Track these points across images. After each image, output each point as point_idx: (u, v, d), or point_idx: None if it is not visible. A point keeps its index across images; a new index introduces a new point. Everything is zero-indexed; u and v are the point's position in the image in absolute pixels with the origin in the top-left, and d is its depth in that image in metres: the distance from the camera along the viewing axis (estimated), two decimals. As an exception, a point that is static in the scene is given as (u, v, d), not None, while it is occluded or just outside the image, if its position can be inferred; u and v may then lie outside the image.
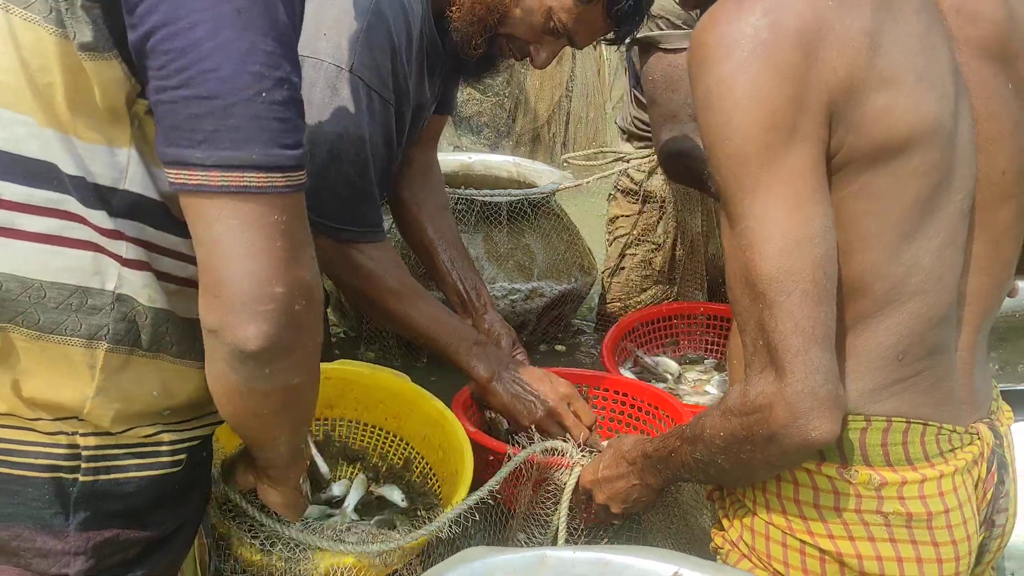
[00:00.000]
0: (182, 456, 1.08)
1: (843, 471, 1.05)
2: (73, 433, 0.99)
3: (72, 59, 0.88)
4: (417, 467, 1.70)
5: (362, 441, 1.75)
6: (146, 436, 1.04)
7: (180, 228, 0.95)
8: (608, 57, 5.58)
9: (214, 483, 1.28)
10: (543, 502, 1.46)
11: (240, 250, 0.88)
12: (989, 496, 1.11)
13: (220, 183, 0.87)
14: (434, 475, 1.65)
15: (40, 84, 0.89)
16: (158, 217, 0.98)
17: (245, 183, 0.87)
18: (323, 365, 1.62)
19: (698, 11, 2.00)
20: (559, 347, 2.85)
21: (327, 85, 1.60)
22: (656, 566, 0.93)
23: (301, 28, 0.97)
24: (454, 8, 1.66)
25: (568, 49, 1.85)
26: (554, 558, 0.93)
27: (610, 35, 1.72)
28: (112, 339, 0.97)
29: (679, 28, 2.14)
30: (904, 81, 0.96)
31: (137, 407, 1.02)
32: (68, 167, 0.92)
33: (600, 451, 1.45)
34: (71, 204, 0.93)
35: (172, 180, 0.89)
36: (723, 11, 0.95)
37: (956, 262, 1.05)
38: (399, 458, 1.73)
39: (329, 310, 2.72)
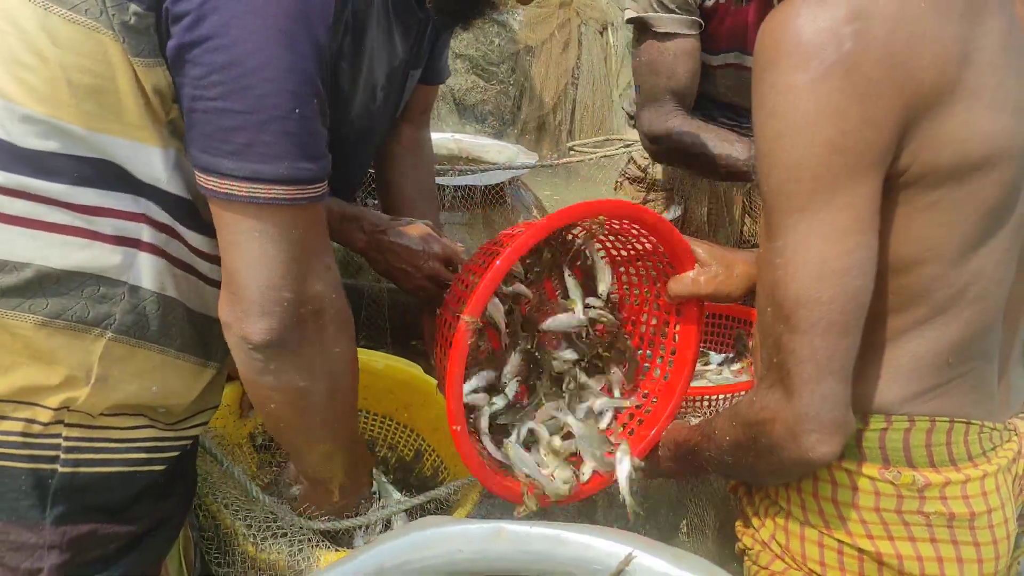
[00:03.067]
0: (169, 454, 1.09)
1: (885, 472, 1.04)
2: (57, 423, 0.98)
3: (121, 62, 0.91)
4: (428, 459, 1.66)
5: (371, 432, 1.72)
6: (129, 429, 1.03)
7: (205, 227, 1.00)
8: (615, 43, 5.55)
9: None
10: None
11: (256, 257, 0.95)
12: None
13: (248, 194, 0.92)
14: (445, 468, 1.62)
15: (77, 83, 0.91)
16: (186, 214, 1.01)
17: (272, 195, 0.93)
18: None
19: None
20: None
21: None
22: (612, 546, 0.92)
23: (334, 45, 1.00)
24: None
25: (575, 34, 1.81)
26: (511, 531, 0.93)
27: None
28: (118, 329, 0.99)
29: (671, 12, 2.12)
30: (984, 93, 0.91)
31: (134, 400, 1.02)
32: (97, 158, 0.94)
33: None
34: (90, 196, 0.95)
35: (202, 185, 0.94)
36: (804, 6, 0.87)
37: (1011, 270, 1.04)
38: (409, 449, 1.69)
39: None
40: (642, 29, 2.14)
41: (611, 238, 1.29)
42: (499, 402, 1.24)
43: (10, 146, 0.92)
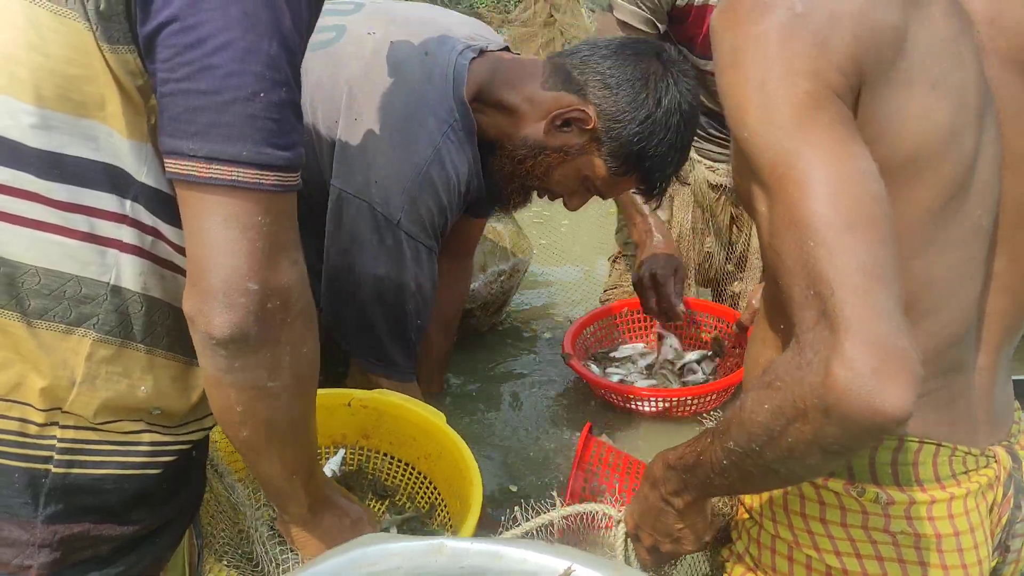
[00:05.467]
0: (166, 459, 1.07)
1: (849, 487, 1.01)
2: (50, 424, 0.98)
3: (95, 51, 0.92)
4: (439, 515, 1.63)
5: (394, 478, 1.71)
6: (128, 433, 1.03)
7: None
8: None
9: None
10: None
11: (220, 244, 0.91)
12: (1004, 520, 1.07)
13: (208, 175, 0.90)
14: (451, 527, 1.58)
15: (61, 74, 0.92)
16: (168, 209, 0.99)
17: (233, 177, 0.90)
18: (360, 392, 1.67)
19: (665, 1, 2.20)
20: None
21: (374, 230, 1.70)
22: (550, 561, 0.89)
23: (310, 35, 1.00)
24: (496, 169, 1.79)
25: None
26: (451, 547, 0.91)
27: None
28: (101, 329, 0.98)
29: (636, 6, 2.25)
30: (919, 86, 0.90)
31: (124, 401, 1.01)
32: (81, 155, 0.94)
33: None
34: (74, 193, 0.95)
35: (167, 168, 0.92)
36: None
37: (975, 280, 1.00)
38: (425, 502, 1.67)
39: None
40: (606, 12, 2.35)
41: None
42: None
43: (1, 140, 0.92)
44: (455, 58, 1.72)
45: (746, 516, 1.14)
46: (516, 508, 1.32)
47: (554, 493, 1.36)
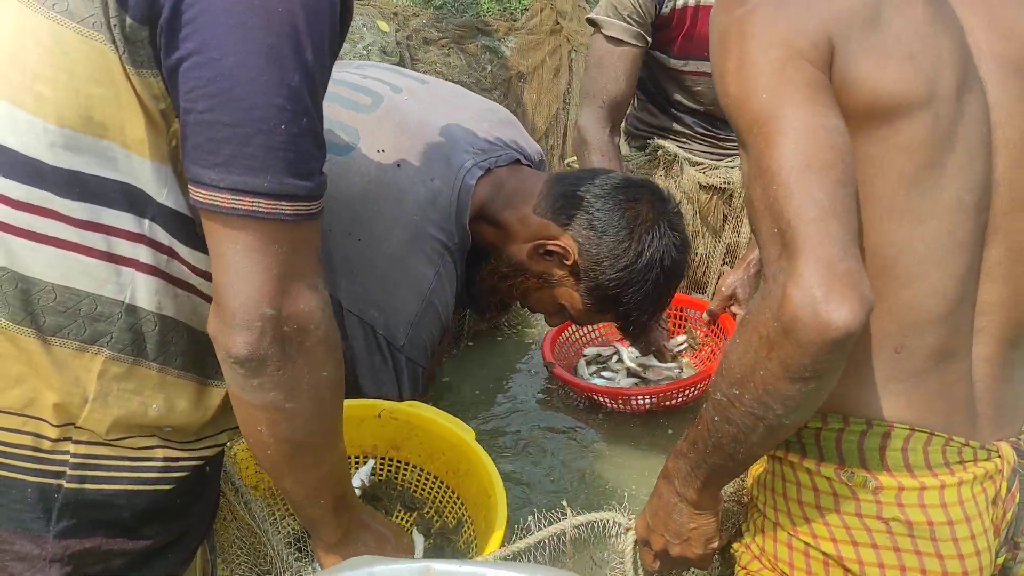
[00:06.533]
0: (179, 474, 1.08)
1: (840, 472, 1.05)
2: (64, 439, 0.99)
3: (120, 72, 0.93)
4: (466, 532, 1.60)
5: (423, 491, 1.69)
6: (141, 449, 1.04)
7: (203, 245, 1.00)
8: None
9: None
10: None
11: (238, 270, 0.95)
12: (1009, 516, 1.08)
13: (230, 205, 0.93)
14: (476, 547, 1.55)
15: (85, 93, 0.93)
16: (185, 231, 1.02)
17: (253, 208, 0.93)
18: (389, 404, 1.66)
19: (649, 13, 2.31)
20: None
21: (375, 351, 1.72)
22: None
23: (335, 60, 1.01)
24: (481, 279, 1.80)
25: (565, 60, 2.03)
26: (437, 570, 0.92)
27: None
28: (114, 347, 1.00)
29: (624, 21, 2.32)
30: (893, 56, 0.98)
31: (136, 419, 1.03)
32: (101, 174, 0.96)
33: None
34: (93, 211, 0.96)
35: (192, 196, 0.95)
36: None
37: (957, 257, 1.02)
38: (453, 518, 1.64)
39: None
40: (595, 30, 2.40)
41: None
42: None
43: (21, 158, 0.94)
44: (461, 181, 1.71)
45: (752, 506, 1.18)
46: (530, 518, 1.35)
47: (564, 503, 1.37)
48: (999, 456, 1.07)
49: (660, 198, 1.75)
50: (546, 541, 1.34)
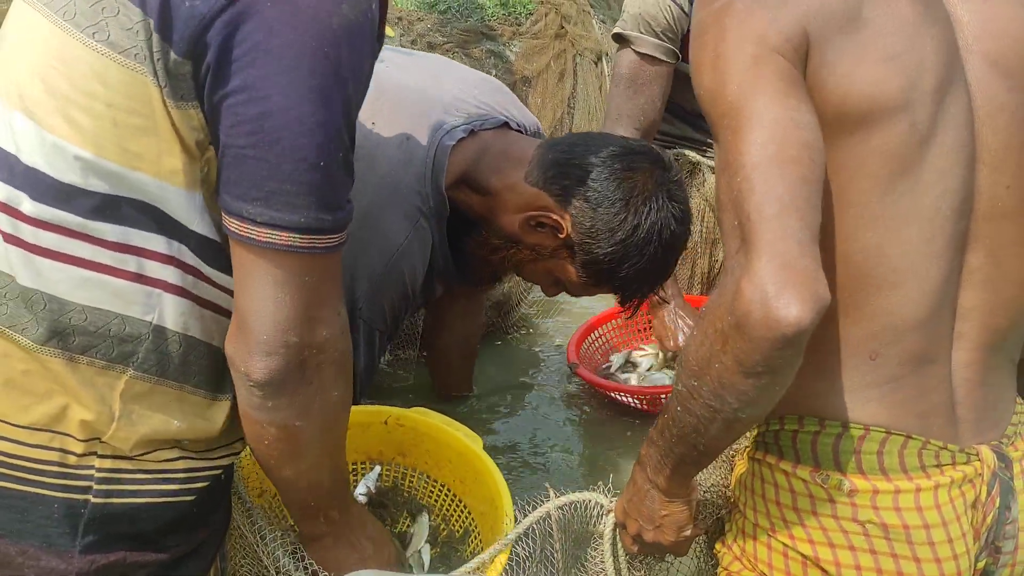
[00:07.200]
0: (200, 484, 1.10)
1: (815, 474, 1.05)
2: (89, 453, 1.01)
3: (160, 105, 0.94)
4: (472, 542, 1.59)
5: (430, 498, 1.68)
6: (164, 462, 1.05)
7: (228, 264, 1.02)
8: (609, 73, 5.59)
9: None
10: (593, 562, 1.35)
11: (268, 300, 0.97)
12: (990, 520, 1.06)
13: (266, 239, 0.95)
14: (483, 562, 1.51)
15: (122, 124, 0.94)
16: (213, 255, 1.03)
17: (289, 243, 0.95)
18: (397, 411, 1.65)
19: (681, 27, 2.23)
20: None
21: None
22: None
23: (368, 85, 1.01)
24: (471, 251, 1.74)
25: (569, 65, 1.96)
26: None
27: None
28: (140, 367, 1.02)
29: (657, 37, 2.24)
30: (868, 59, 0.97)
31: (159, 434, 1.04)
32: (134, 197, 0.97)
33: None
34: (124, 233, 0.98)
35: (228, 226, 0.97)
36: None
37: (936, 264, 1.01)
38: (460, 527, 1.63)
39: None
40: (621, 41, 2.31)
41: None
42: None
43: (51, 180, 0.95)
44: (438, 142, 1.64)
45: (734, 508, 1.18)
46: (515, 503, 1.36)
47: (547, 484, 1.37)
48: (979, 460, 1.06)
49: (660, 166, 1.62)
50: (533, 527, 1.33)
